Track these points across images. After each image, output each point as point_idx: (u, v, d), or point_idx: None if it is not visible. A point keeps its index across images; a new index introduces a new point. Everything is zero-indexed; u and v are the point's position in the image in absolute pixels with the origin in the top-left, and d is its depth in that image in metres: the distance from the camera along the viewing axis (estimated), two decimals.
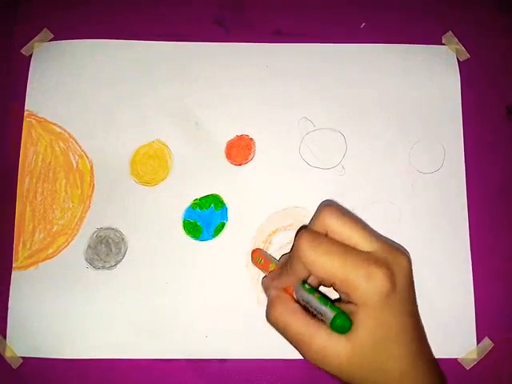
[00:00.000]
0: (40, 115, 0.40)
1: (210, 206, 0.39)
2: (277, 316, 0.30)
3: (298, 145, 0.40)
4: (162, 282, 0.38)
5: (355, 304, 0.28)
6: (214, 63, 0.41)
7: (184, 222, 0.39)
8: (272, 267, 0.35)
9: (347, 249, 0.29)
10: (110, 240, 0.38)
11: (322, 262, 0.28)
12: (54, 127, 0.40)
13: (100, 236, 0.38)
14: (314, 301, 0.30)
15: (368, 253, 0.29)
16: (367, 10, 0.42)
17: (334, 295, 0.33)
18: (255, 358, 0.37)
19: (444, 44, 0.42)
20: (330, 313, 0.28)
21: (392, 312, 0.28)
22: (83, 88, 0.40)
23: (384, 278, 0.28)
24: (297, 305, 0.30)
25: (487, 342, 0.37)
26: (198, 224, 0.39)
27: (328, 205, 0.31)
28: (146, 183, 0.39)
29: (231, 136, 0.40)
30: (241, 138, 0.40)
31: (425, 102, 0.40)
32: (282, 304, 0.31)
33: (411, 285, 0.30)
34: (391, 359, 0.29)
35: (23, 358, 0.37)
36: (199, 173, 0.39)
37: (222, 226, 0.39)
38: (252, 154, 0.40)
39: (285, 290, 0.32)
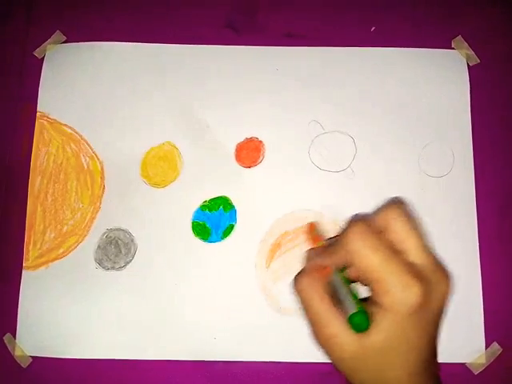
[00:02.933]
0: (52, 116, 0.40)
1: (218, 208, 0.39)
2: (304, 287, 0.30)
3: (308, 148, 0.40)
4: (171, 283, 0.38)
5: (380, 306, 0.28)
6: (224, 66, 0.41)
7: (193, 223, 0.39)
8: (321, 244, 0.35)
9: (395, 252, 0.29)
10: (119, 241, 0.39)
11: (365, 254, 0.28)
12: (66, 128, 0.40)
13: (110, 237, 0.39)
14: (343, 290, 0.29)
15: (413, 264, 0.28)
16: (377, 14, 0.42)
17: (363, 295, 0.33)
18: (263, 361, 0.37)
19: (454, 48, 0.42)
20: (352, 308, 0.28)
21: (413, 327, 0.28)
22: (95, 90, 0.41)
23: (419, 292, 0.27)
24: (321, 286, 0.30)
25: (496, 347, 0.37)
26: (207, 226, 0.39)
27: (397, 202, 0.31)
28: (156, 185, 0.39)
29: (241, 138, 0.40)
30: (250, 140, 0.40)
31: (434, 106, 0.40)
32: (313, 278, 0.30)
33: (442, 309, 0.30)
34: (394, 371, 0.28)
35: (32, 357, 0.37)
36: (208, 175, 0.40)
37: (231, 227, 0.39)
38: (261, 157, 0.40)
39: (322, 269, 0.31)
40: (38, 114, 0.40)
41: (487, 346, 0.37)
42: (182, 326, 0.38)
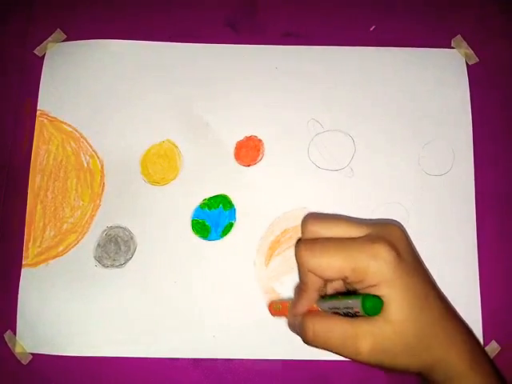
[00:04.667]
0: (52, 115, 0.41)
1: (218, 206, 0.39)
2: (314, 330, 0.30)
3: (307, 146, 0.40)
4: (171, 281, 0.38)
5: (373, 286, 0.28)
6: (224, 65, 0.41)
7: (193, 221, 0.39)
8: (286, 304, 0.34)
9: (343, 240, 0.29)
10: (119, 238, 0.39)
11: (325, 261, 0.29)
12: (66, 127, 0.40)
13: (109, 234, 0.39)
14: (340, 301, 0.30)
15: (363, 237, 0.29)
16: (377, 13, 0.42)
17: None
18: (262, 359, 0.37)
19: (453, 48, 0.42)
20: (357, 301, 0.28)
21: (410, 276, 0.28)
22: (95, 88, 0.41)
23: (388, 250, 0.28)
24: (327, 313, 0.30)
25: (494, 346, 0.37)
26: (207, 224, 0.39)
27: (307, 214, 0.32)
28: (156, 183, 0.40)
29: (240, 137, 0.40)
30: (250, 139, 0.40)
31: (434, 105, 0.41)
32: (312, 319, 0.30)
33: (413, 249, 0.31)
34: (429, 317, 0.29)
35: (33, 354, 0.37)
36: (208, 173, 0.40)
37: (231, 226, 0.39)
38: (261, 155, 0.40)
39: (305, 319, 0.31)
40: (38, 112, 0.41)
41: (486, 344, 0.37)
42: (182, 324, 0.38)
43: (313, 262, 0.29)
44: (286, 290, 0.38)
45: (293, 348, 0.37)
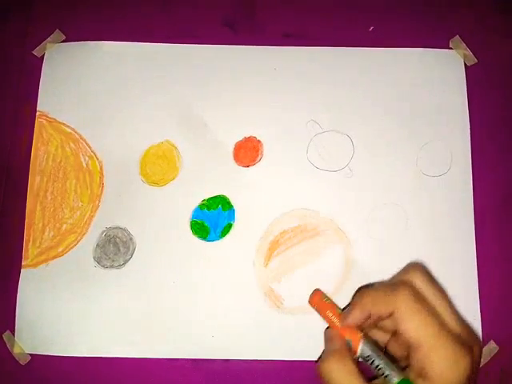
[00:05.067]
0: (51, 116, 0.41)
1: (217, 207, 0.39)
2: (332, 370, 0.29)
3: (306, 147, 0.40)
4: (170, 282, 0.38)
5: (427, 378, 0.27)
6: (223, 65, 0.41)
7: (192, 222, 0.39)
8: (338, 311, 0.33)
9: (443, 325, 0.28)
10: (118, 239, 0.39)
11: (415, 324, 0.27)
12: (65, 128, 0.40)
13: (108, 235, 0.39)
14: (380, 360, 0.29)
15: (455, 334, 0.28)
16: (376, 13, 0.42)
17: None
18: (261, 359, 0.37)
19: (451, 48, 0.42)
20: (396, 377, 0.28)
21: None
22: (94, 89, 0.41)
23: (470, 363, 0.27)
24: (354, 366, 0.29)
25: (492, 346, 0.37)
26: (206, 224, 0.39)
27: (420, 267, 0.30)
28: (155, 183, 0.40)
29: (239, 138, 0.40)
30: (248, 139, 0.40)
31: (432, 106, 0.41)
32: (340, 359, 0.29)
33: (478, 369, 0.29)
34: None
35: (31, 354, 0.37)
36: (207, 174, 0.40)
37: (230, 226, 0.39)
38: (259, 156, 0.40)
39: (344, 346, 0.30)
40: (37, 113, 0.41)
41: (484, 344, 0.37)
42: (181, 325, 0.38)
43: (409, 312, 0.28)
44: (285, 291, 0.38)
45: (292, 348, 0.37)
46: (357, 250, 0.38)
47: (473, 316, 0.38)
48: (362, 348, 0.30)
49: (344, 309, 0.33)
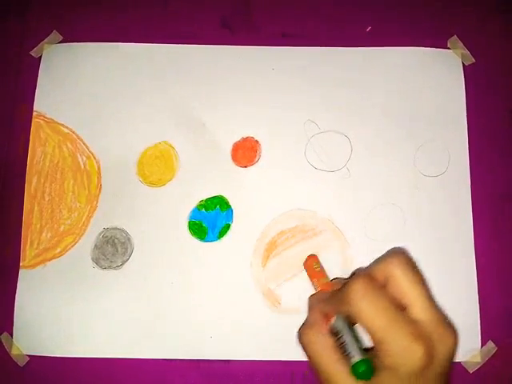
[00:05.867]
0: (48, 116, 0.41)
1: (215, 208, 0.39)
2: (310, 341, 0.31)
3: (304, 147, 0.40)
4: (168, 283, 0.38)
5: (382, 364, 0.28)
6: (220, 66, 0.41)
7: (189, 222, 0.39)
8: (324, 280, 0.35)
9: (397, 311, 0.28)
10: (116, 240, 0.39)
11: (368, 314, 0.28)
12: (62, 128, 0.40)
13: (106, 236, 0.39)
14: (347, 337, 0.30)
15: (416, 322, 0.28)
16: (373, 13, 0.42)
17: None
18: (259, 360, 0.37)
19: (449, 48, 0.42)
20: (356, 356, 0.28)
21: None
22: (91, 90, 0.41)
23: (423, 356, 0.27)
24: (330, 338, 0.30)
25: (491, 346, 0.37)
26: (204, 225, 0.39)
27: (398, 253, 0.30)
28: (153, 184, 0.40)
29: (237, 138, 0.40)
30: (246, 139, 0.40)
31: (429, 105, 0.41)
32: (318, 332, 0.31)
33: (449, 364, 0.29)
34: None
35: (29, 355, 0.37)
36: (205, 174, 0.40)
37: (227, 227, 0.39)
38: (257, 156, 0.40)
39: (325, 314, 0.32)
40: (34, 113, 0.40)
41: (483, 344, 0.37)
42: (179, 325, 0.38)
43: (359, 306, 0.28)
44: (283, 291, 0.38)
45: (291, 349, 0.37)
46: (354, 250, 0.38)
47: (471, 316, 0.38)
48: (333, 322, 0.31)
49: (333, 279, 0.36)
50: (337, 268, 0.38)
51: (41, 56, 0.41)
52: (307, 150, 0.40)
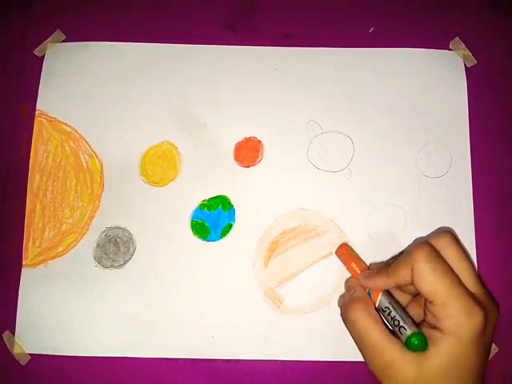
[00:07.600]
0: (51, 115, 0.41)
1: (217, 207, 0.39)
2: (357, 318, 0.31)
3: (306, 147, 0.40)
4: (170, 282, 0.38)
5: (441, 330, 0.29)
6: (223, 66, 0.41)
7: (192, 222, 0.39)
8: (363, 264, 0.36)
9: (459, 280, 0.30)
10: (118, 239, 0.39)
11: (432, 277, 0.29)
12: (65, 127, 0.40)
13: (109, 235, 0.39)
14: (398, 312, 0.30)
15: (472, 293, 0.30)
16: (376, 14, 0.42)
17: None
18: (261, 359, 0.37)
19: (451, 49, 0.42)
20: (409, 329, 0.29)
21: (472, 354, 0.29)
22: (94, 89, 0.41)
23: (483, 320, 0.28)
24: (377, 314, 0.31)
25: (492, 347, 0.37)
26: (206, 225, 0.39)
27: (448, 232, 0.32)
28: (155, 183, 0.40)
29: (239, 138, 0.40)
30: (249, 140, 0.40)
31: (432, 107, 0.41)
32: (365, 308, 0.31)
33: (494, 335, 0.31)
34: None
35: (31, 354, 0.37)
36: (207, 174, 0.40)
37: (230, 227, 0.39)
38: (260, 156, 0.40)
39: (368, 296, 0.32)
40: (37, 112, 0.40)
41: None
42: (181, 325, 0.38)
43: (425, 270, 0.29)
44: (285, 291, 0.38)
45: (292, 348, 0.38)
46: (356, 250, 0.38)
47: None
48: (380, 299, 0.31)
49: (370, 264, 0.37)
50: (339, 268, 0.38)
51: (44, 55, 0.41)
52: (309, 150, 0.40)
